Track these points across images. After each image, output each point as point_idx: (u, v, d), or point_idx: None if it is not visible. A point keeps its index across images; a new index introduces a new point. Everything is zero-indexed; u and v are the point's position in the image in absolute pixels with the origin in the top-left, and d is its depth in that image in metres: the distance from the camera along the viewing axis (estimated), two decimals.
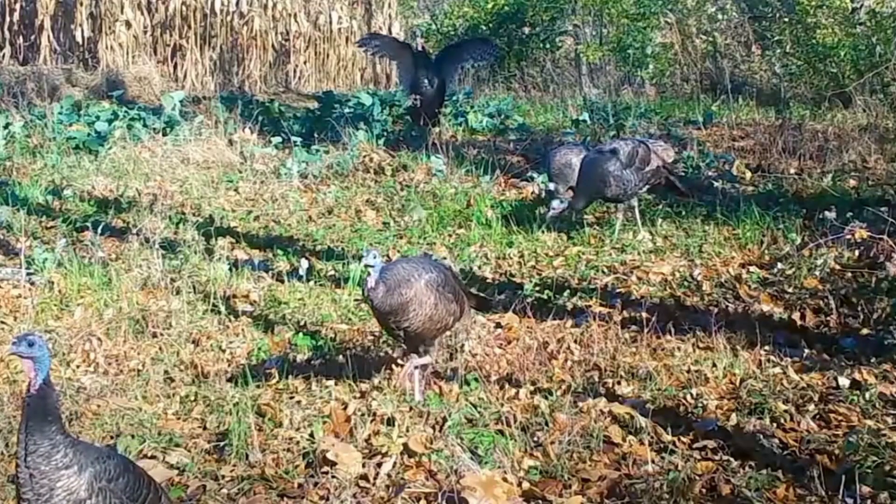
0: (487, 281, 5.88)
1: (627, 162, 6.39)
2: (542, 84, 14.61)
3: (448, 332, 4.47)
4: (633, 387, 4.40)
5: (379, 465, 3.74)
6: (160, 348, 4.89)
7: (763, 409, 4.10)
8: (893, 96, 11.50)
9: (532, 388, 4.40)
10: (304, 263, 5.79)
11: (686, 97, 13.35)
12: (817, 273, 5.56)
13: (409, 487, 3.57)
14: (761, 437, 3.86)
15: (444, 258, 6.07)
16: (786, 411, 4.07)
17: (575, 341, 4.90)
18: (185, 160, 8.62)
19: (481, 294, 5.14)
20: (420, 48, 9.48)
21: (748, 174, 8.23)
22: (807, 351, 4.69)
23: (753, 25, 15.47)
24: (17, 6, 15.43)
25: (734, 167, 8.32)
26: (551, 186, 6.91)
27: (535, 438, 3.94)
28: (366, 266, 4.11)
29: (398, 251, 6.47)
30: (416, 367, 4.30)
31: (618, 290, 5.62)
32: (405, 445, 3.85)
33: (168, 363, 4.73)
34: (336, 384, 4.41)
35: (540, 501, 3.52)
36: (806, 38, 13.09)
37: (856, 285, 5.39)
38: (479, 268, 6.10)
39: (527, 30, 16.49)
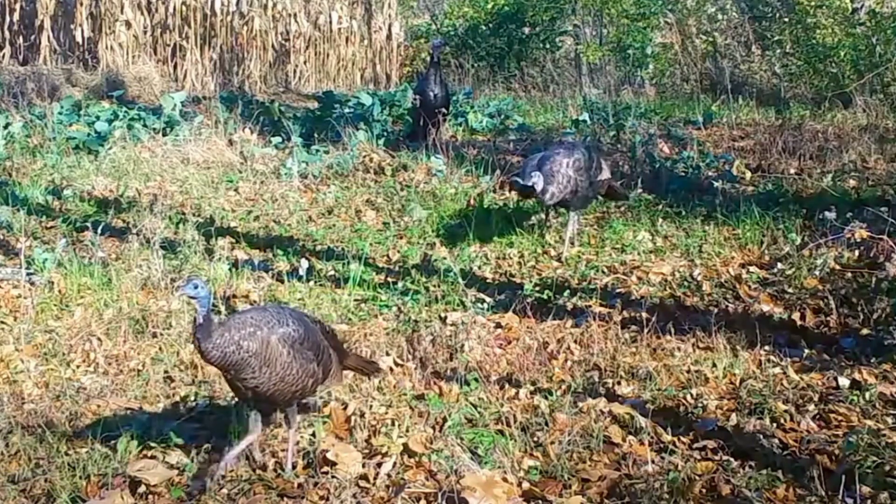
0: (488, 281, 5.88)
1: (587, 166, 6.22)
2: (542, 84, 14.62)
3: (311, 397, 3.86)
4: (633, 387, 4.40)
5: (379, 465, 3.73)
6: (160, 348, 4.88)
7: (763, 409, 4.10)
8: (893, 96, 11.52)
9: (532, 388, 4.40)
10: (304, 263, 5.78)
11: (686, 97, 13.35)
12: (817, 273, 5.56)
13: (409, 487, 3.57)
14: (761, 437, 3.86)
15: (444, 258, 6.07)
16: (786, 411, 4.07)
17: (575, 341, 4.90)
18: (185, 160, 8.61)
19: (363, 357, 4.43)
20: (436, 59, 9.50)
21: (748, 174, 8.23)
22: (807, 351, 4.69)
23: (753, 25, 15.47)
24: (17, 6, 15.42)
25: (734, 167, 8.32)
26: (535, 178, 6.66)
27: (535, 438, 3.94)
28: (187, 298, 3.55)
29: (398, 251, 6.47)
30: (235, 457, 3.69)
31: (618, 290, 5.62)
32: (405, 445, 3.85)
33: (168, 363, 4.73)
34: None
35: (540, 501, 3.52)
36: (806, 38, 13.10)
37: (856, 285, 5.39)
38: (479, 268, 6.10)
39: (527, 30, 16.50)
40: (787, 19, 14.27)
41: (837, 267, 5.62)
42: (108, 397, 4.43)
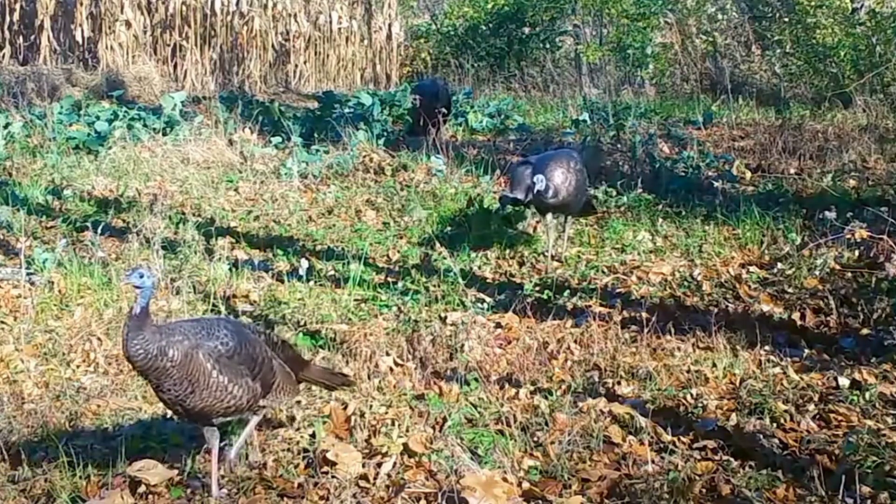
0: (487, 281, 5.88)
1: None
2: (542, 84, 14.62)
3: (255, 412, 3.65)
4: (633, 387, 4.40)
5: (379, 465, 3.73)
6: None
7: (763, 409, 4.10)
8: (893, 96, 11.52)
9: (532, 388, 4.40)
10: (304, 263, 5.78)
11: (686, 97, 13.36)
12: (817, 273, 5.56)
13: (409, 487, 3.57)
14: (761, 437, 3.86)
15: (445, 257, 6.07)
16: (786, 411, 4.07)
17: (575, 341, 4.90)
18: (185, 160, 8.61)
19: (328, 369, 4.16)
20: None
21: (748, 174, 8.23)
22: (807, 351, 4.69)
23: (753, 25, 15.47)
24: (17, 6, 15.42)
25: (734, 167, 8.33)
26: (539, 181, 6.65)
27: (535, 438, 3.93)
28: (133, 287, 3.38)
29: (398, 251, 6.47)
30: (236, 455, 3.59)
31: (618, 290, 5.62)
32: (405, 445, 3.85)
33: None
34: None
35: (540, 501, 3.52)
36: (806, 38, 13.10)
37: (856, 285, 5.40)
38: (479, 268, 6.10)
39: (527, 30, 16.52)
40: (787, 19, 14.27)
41: (837, 267, 5.62)
42: (108, 397, 4.43)
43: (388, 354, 4.75)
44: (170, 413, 4.22)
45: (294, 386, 3.77)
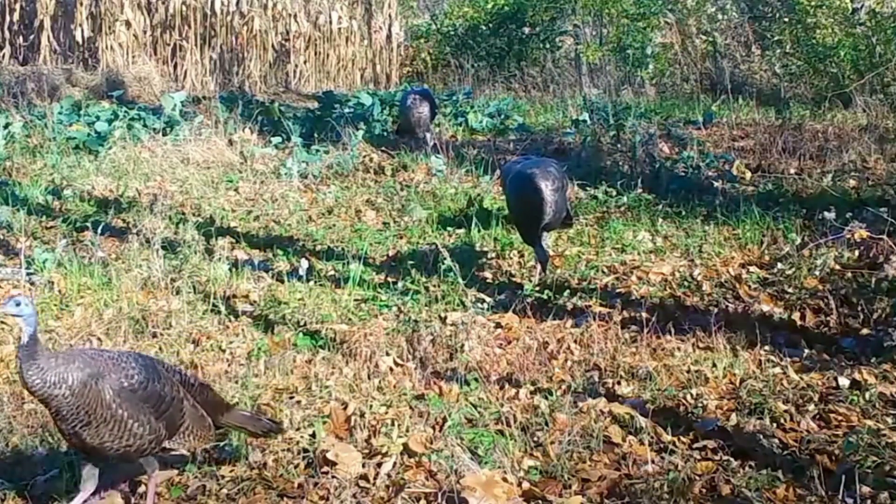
0: (488, 281, 5.88)
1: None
2: (542, 84, 14.62)
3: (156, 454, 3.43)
4: (633, 387, 4.40)
5: (379, 465, 3.73)
6: (160, 348, 4.88)
7: (763, 409, 4.10)
8: (893, 96, 11.52)
9: (532, 388, 4.40)
10: (304, 263, 5.78)
11: (686, 97, 13.35)
12: (817, 273, 5.56)
13: (409, 487, 3.57)
14: (761, 437, 3.86)
15: (445, 258, 6.05)
16: (786, 411, 4.07)
17: (575, 341, 4.90)
18: (185, 160, 8.62)
19: (255, 416, 3.82)
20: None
21: (748, 174, 8.23)
22: (807, 351, 4.69)
23: (753, 25, 15.48)
24: (17, 6, 15.42)
25: (734, 167, 8.33)
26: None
27: (535, 438, 3.93)
28: (9, 316, 3.21)
29: (398, 251, 6.47)
30: None
31: (618, 290, 5.62)
32: (405, 445, 3.85)
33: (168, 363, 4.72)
34: (336, 384, 4.41)
35: (540, 501, 3.52)
36: (806, 38, 13.10)
37: (856, 285, 5.40)
38: (480, 268, 6.09)
39: (527, 30, 16.51)
40: (787, 19, 14.27)
41: (837, 267, 5.62)
42: None
43: (388, 354, 4.75)
44: None
45: (208, 431, 3.52)
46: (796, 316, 5.14)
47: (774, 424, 3.99)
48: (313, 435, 3.95)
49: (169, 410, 3.36)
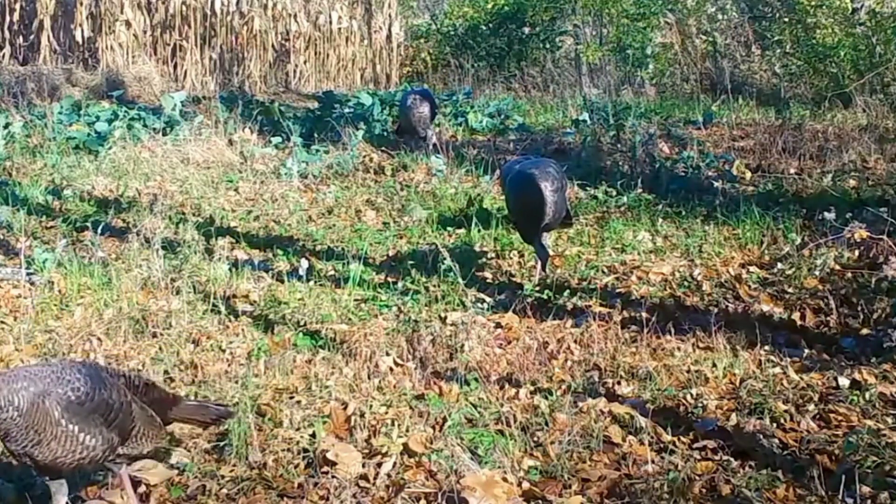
0: (488, 281, 5.88)
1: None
2: (542, 84, 14.63)
3: (114, 463, 3.37)
4: (633, 387, 4.40)
5: (379, 465, 3.73)
6: (160, 348, 4.88)
7: (763, 409, 4.10)
8: (893, 96, 11.53)
9: (532, 388, 4.39)
10: (304, 263, 5.78)
11: (686, 97, 13.36)
12: (817, 273, 5.56)
13: (409, 487, 3.57)
14: (761, 437, 3.86)
15: (445, 258, 6.06)
16: (786, 411, 4.07)
17: (575, 341, 4.90)
18: (185, 160, 8.62)
19: (203, 403, 3.78)
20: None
21: (748, 174, 8.24)
22: (807, 351, 4.69)
23: (753, 25, 15.48)
24: (17, 6, 15.42)
25: (734, 167, 8.33)
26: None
27: (535, 438, 3.93)
28: None
29: (398, 251, 6.47)
30: None
31: (618, 290, 5.62)
32: (405, 445, 3.85)
33: (168, 363, 4.72)
34: (336, 384, 4.41)
35: (540, 501, 3.52)
36: (806, 38, 13.12)
37: (856, 285, 5.40)
38: (480, 268, 6.09)
39: (527, 30, 16.53)
40: (787, 19, 14.28)
41: (837, 267, 5.62)
42: None
43: (388, 354, 4.75)
44: None
45: (159, 431, 3.44)
46: (796, 316, 5.14)
47: (774, 424, 3.98)
48: (313, 435, 3.95)
49: (119, 417, 3.26)
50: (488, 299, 5.43)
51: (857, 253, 5.74)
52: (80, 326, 5.11)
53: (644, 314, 5.09)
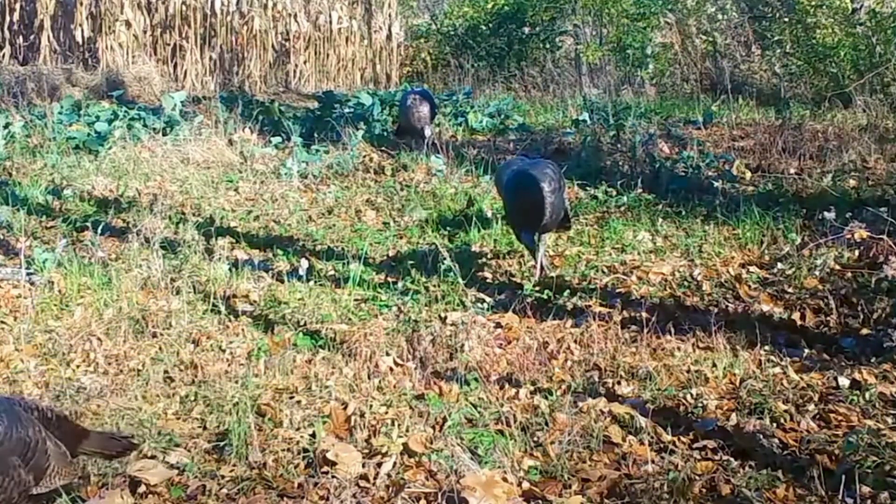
0: (488, 281, 5.88)
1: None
2: (542, 84, 14.63)
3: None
4: (633, 387, 4.40)
5: (379, 465, 3.73)
6: (160, 348, 4.88)
7: (763, 409, 4.10)
8: (893, 96, 11.52)
9: (532, 388, 4.40)
10: (304, 263, 5.78)
11: (686, 97, 13.36)
12: (817, 273, 5.56)
13: (409, 487, 3.57)
14: (761, 437, 3.86)
15: (445, 258, 6.06)
16: (786, 411, 4.07)
17: (575, 341, 4.90)
18: (185, 160, 8.62)
19: (108, 434, 3.66)
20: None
21: (748, 174, 8.23)
22: (807, 351, 4.69)
23: (753, 25, 15.48)
24: (17, 6, 15.42)
25: (734, 167, 8.33)
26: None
27: (535, 438, 3.93)
28: None
29: (398, 251, 6.47)
30: None
31: (618, 290, 5.62)
32: (405, 445, 3.85)
33: (168, 363, 4.73)
34: (336, 384, 4.41)
35: (540, 501, 3.52)
36: (806, 38, 13.11)
37: (856, 285, 5.40)
38: (480, 268, 6.09)
39: (527, 30, 16.53)
40: (787, 19, 14.28)
41: (837, 267, 5.62)
42: (107, 397, 4.42)
43: (388, 354, 4.75)
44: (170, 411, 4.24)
45: (70, 467, 3.23)
46: (796, 316, 5.14)
47: (774, 424, 3.98)
48: (313, 435, 3.95)
49: (35, 456, 3.03)
50: (488, 299, 5.43)
51: (857, 253, 5.74)
52: (80, 326, 5.11)
53: (644, 314, 5.09)
